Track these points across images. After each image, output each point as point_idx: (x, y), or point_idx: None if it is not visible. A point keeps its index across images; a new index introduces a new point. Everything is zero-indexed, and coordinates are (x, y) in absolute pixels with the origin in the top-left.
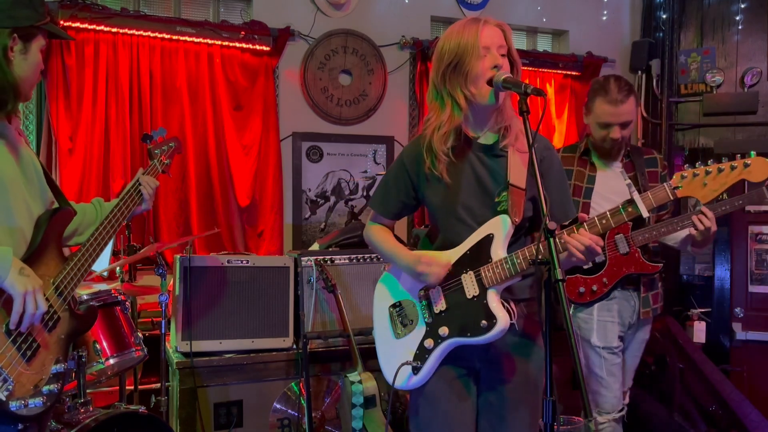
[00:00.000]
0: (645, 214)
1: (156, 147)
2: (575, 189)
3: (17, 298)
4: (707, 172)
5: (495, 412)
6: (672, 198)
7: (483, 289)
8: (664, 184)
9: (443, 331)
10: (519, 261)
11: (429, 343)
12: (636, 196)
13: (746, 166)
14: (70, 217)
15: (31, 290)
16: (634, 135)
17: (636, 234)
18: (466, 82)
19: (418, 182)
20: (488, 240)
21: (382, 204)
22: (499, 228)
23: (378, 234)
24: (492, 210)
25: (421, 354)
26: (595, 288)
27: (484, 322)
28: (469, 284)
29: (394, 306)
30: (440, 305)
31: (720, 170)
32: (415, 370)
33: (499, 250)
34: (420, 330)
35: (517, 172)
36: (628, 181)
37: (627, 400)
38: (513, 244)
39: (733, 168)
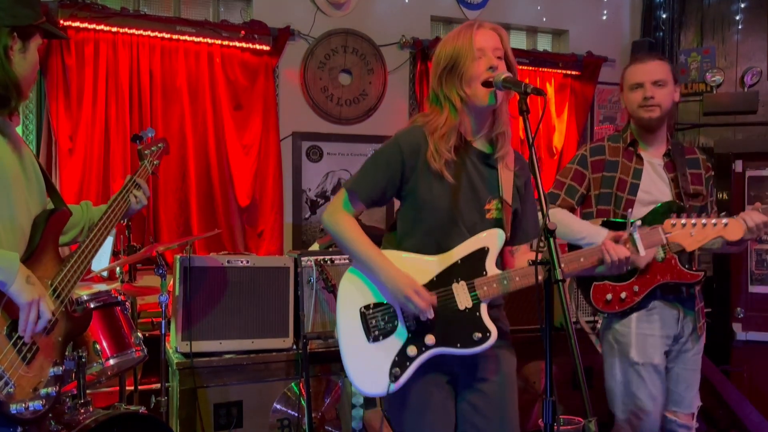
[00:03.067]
0: (642, 252)
1: (146, 148)
2: (620, 183)
3: (23, 308)
4: (693, 224)
5: (480, 413)
6: (664, 242)
7: (477, 302)
8: (659, 228)
9: (429, 340)
10: (517, 279)
11: (412, 350)
12: (636, 235)
13: (725, 225)
14: (67, 218)
15: (37, 299)
16: None
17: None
18: (461, 84)
19: (410, 173)
20: (483, 253)
21: (366, 187)
22: (495, 242)
23: (352, 228)
24: (480, 216)
25: (402, 361)
26: (623, 296)
27: (477, 334)
28: (462, 295)
29: (367, 307)
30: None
31: (704, 225)
32: (394, 378)
33: (493, 265)
34: (400, 336)
35: (507, 188)
36: (638, 222)
37: (696, 424)
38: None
39: (714, 225)
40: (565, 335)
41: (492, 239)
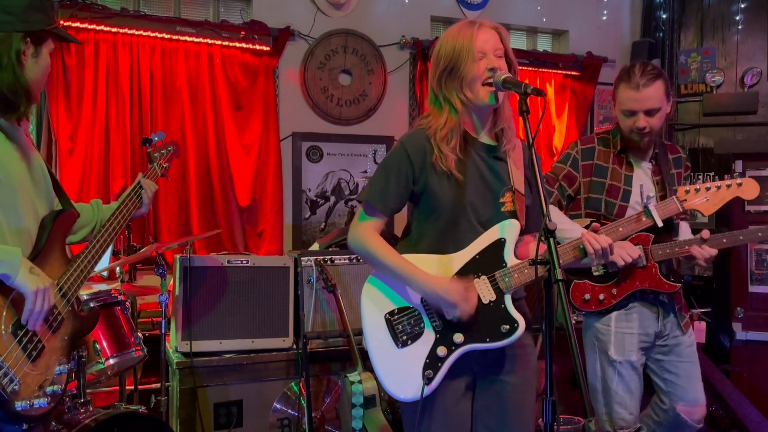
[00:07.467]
0: (660, 223)
1: (155, 150)
2: (611, 189)
3: (29, 297)
4: (707, 188)
5: (494, 415)
6: (681, 210)
7: (500, 294)
8: (673, 197)
9: (458, 338)
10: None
11: (442, 351)
12: (651, 207)
13: (739, 185)
14: (74, 219)
15: (42, 288)
16: None
17: (656, 248)
18: (462, 87)
19: (420, 174)
20: (500, 244)
21: (382, 199)
22: (511, 232)
23: (378, 245)
24: (495, 209)
25: (433, 363)
26: (602, 297)
27: (505, 326)
28: (484, 289)
29: (391, 314)
30: None
31: (718, 188)
32: (428, 380)
33: (512, 255)
34: (428, 338)
35: (518, 178)
36: (651, 193)
37: (703, 413)
38: None
39: (728, 186)
40: (565, 335)
41: (506, 230)
